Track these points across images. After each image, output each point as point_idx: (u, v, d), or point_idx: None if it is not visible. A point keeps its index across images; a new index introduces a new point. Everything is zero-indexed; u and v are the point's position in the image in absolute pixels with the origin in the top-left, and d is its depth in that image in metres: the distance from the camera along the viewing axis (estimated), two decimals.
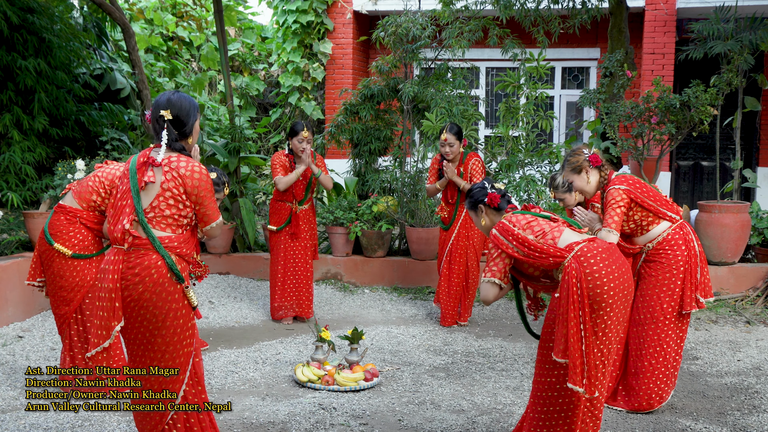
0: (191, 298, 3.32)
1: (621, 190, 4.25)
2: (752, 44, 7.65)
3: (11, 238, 6.42)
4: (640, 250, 4.43)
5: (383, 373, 5.13)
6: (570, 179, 4.37)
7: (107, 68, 9.29)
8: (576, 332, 3.30)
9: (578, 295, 3.30)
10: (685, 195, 11.89)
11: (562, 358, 3.33)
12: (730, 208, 7.25)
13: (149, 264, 3.21)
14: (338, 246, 7.84)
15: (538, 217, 3.53)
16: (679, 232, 4.35)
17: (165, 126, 3.28)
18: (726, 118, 8.40)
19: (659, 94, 7.31)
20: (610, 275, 3.32)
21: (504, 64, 10.78)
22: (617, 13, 8.16)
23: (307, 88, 12.08)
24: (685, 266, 4.32)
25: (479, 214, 3.72)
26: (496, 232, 3.51)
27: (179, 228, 3.31)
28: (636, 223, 4.36)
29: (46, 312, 6.33)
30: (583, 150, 4.34)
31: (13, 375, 4.90)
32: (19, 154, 7.40)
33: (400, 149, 8.54)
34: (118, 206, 3.31)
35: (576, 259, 3.33)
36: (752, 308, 6.86)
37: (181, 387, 3.34)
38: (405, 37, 7.90)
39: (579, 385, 3.30)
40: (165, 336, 3.26)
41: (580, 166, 4.30)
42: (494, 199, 3.65)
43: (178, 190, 3.24)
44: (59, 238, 4.44)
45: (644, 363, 4.39)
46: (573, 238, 3.44)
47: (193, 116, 3.35)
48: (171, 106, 3.30)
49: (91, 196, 4.46)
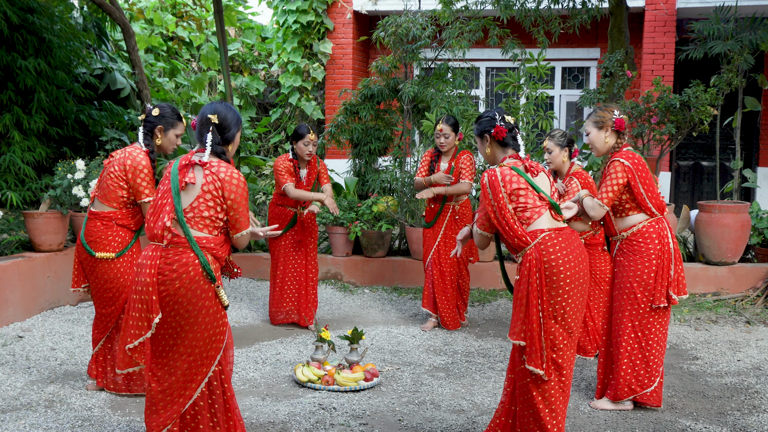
0: (222, 297, 3.43)
1: (625, 165, 4.29)
2: (752, 44, 7.65)
3: (11, 238, 6.42)
4: (615, 236, 4.45)
5: (383, 373, 5.13)
6: (588, 131, 4.45)
7: (107, 68, 9.29)
8: (535, 317, 3.49)
9: (537, 281, 3.49)
10: (685, 195, 11.89)
11: (516, 339, 3.53)
12: (730, 208, 7.25)
13: (186, 261, 3.34)
14: (338, 246, 7.84)
15: (529, 187, 3.58)
16: (654, 226, 4.37)
17: (210, 129, 3.45)
18: (726, 118, 8.40)
19: (659, 94, 7.31)
20: (568, 263, 3.50)
21: (504, 64, 10.78)
22: (617, 13, 8.16)
23: (307, 88, 12.08)
24: (658, 260, 4.33)
25: (484, 143, 3.77)
26: (486, 183, 3.61)
27: (216, 230, 3.44)
28: (620, 202, 4.38)
29: (46, 312, 6.33)
30: (614, 110, 4.40)
31: (13, 375, 4.90)
32: (19, 154, 7.39)
33: (400, 149, 8.55)
34: (158, 205, 3.45)
35: (536, 247, 3.52)
36: (752, 308, 6.85)
37: (203, 380, 3.44)
38: (405, 37, 7.90)
39: (539, 367, 3.49)
40: (196, 332, 3.39)
41: (604, 122, 4.38)
42: (500, 132, 3.68)
43: (217, 193, 3.38)
44: (98, 245, 4.44)
45: (619, 350, 4.41)
46: (545, 224, 3.57)
47: (236, 126, 3.54)
48: (218, 113, 3.48)
49: (117, 192, 4.42)
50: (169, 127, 4.43)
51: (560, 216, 3.64)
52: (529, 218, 3.56)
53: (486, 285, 7.59)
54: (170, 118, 4.43)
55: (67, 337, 5.75)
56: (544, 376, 3.50)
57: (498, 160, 3.74)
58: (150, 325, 3.37)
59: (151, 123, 4.42)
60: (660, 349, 4.43)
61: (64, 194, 6.47)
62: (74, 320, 6.20)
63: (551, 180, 3.73)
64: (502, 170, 3.61)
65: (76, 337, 5.77)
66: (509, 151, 3.71)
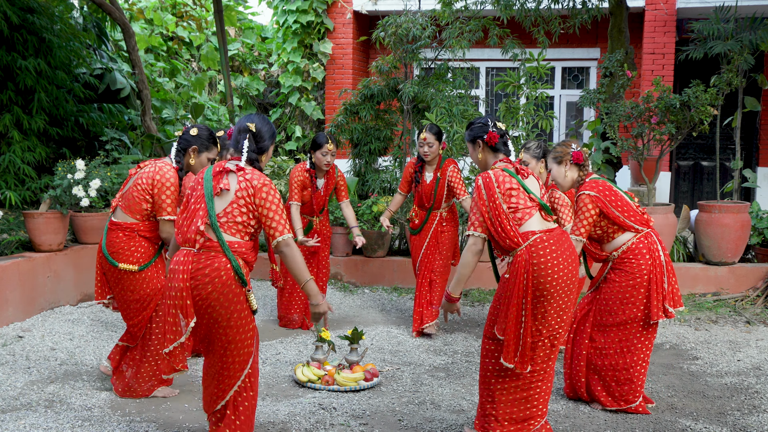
0: (252, 302, 3.51)
1: (592, 197, 4.33)
2: (752, 44, 7.66)
3: (11, 238, 6.42)
4: (606, 258, 4.46)
5: (383, 373, 5.13)
6: (550, 166, 4.56)
7: (107, 68, 9.29)
8: (516, 316, 3.59)
9: (524, 282, 3.57)
10: (685, 195, 11.89)
11: (501, 335, 3.64)
12: (730, 208, 7.25)
13: (219, 266, 3.39)
14: (338, 246, 7.84)
15: (521, 188, 3.67)
16: (643, 241, 4.37)
17: (247, 137, 3.55)
18: (726, 118, 8.40)
19: (659, 94, 7.31)
20: (556, 267, 3.58)
21: (504, 64, 10.79)
22: (617, 13, 8.17)
23: (307, 88, 12.08)
24: (649, 275, 4.33)
25: (476, 149, 3.87)
26: (481, 185, 3.67)
27: (247, 235, 3.49)
28: (603, 230, 4.42)
29: (46, 312, 6.33)
30: (571, 144, 4.50)
31: (13, 375, 4.90)
32: (18, 154, 7.39)
33: (400, 149, 8.55)
34: (191, 209, 3.51)
35: (527, 249, 3.59)
36: (752, 308, 6.86)
37: (236, 383, 3.53)
38: (405, 37, 7.90)
39: (510, 361, 3.60)
40: (228, 335, 3.45)
41: (562, 158, 4.48)
42: (493, 138, 3.79)
43: (250, 200, 3.43)
44: (121, 256, 4.40)
45: (604, 363, 4.41)
46: (535, 226, 3.65)
47: (271, 140, 3.64)
48: (256, 123, 3.59)
49: (141, 205, 4.39)
50: (204, 149, 4.44)
51: (550, 216, 3.72)
52: (521, 219, 3.64)
53: (486, 285, 7.59)
54: (206, 141, 4.44)
55: (67, 337, 5.75)
56: (515, 369, 3.62)
57: (489, 165, 3.84)
58: (185, 330, 3.44)
59: (187, 141, 4.41)
60: (644, 364, 4.44)
61: (64, 194, 6.47)
62: (74, 320, 6.20)
63: (540, 183, 3.82)
64: (495, 172, 3.71)
65: (76, 337, 5.77)
66: (500, 155, 3.82)
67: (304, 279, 3.53)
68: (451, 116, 7.64)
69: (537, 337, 3.63)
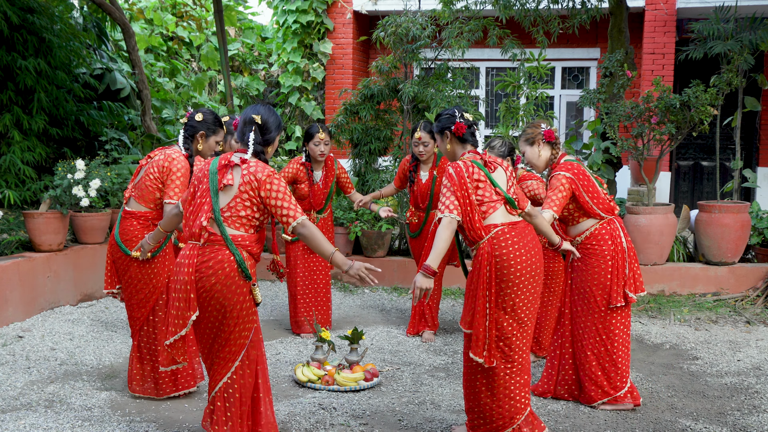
0: (256, 295, 3.55)
1: (567, 177, 4.37)
2: (752, 44, 7.65)
3: (11, 238, 6.42)
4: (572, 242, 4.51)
5: (383, 373, 5.13)
6: (523, 149, 4.59)
7: (107, 68, 9.29)
8: (482, 308, 3.64)
9: (487, 275, 3.63)
10: (685, 195, 11.89)
11: (467, 328, 3.70)
12: (730, 208, 7.25)
13: (222, 258, 3.45)
14: (338, 246, 7.83)
15: (488, 181, 3.73)
16: (606, 227, 4.45)
17: (253, 129, 3.57)
18: (726, 118, 8.40)
19: (659, 94, 7.31)
20: (519, 257, 3.64)
21: (504, 64, 10.78)
22: (617, 13, 8.16)
23: (307, 88, 12.08)
24: (612, 261, 4.41)
25: (444, 139, 3.93)
26: (452, 172, 3.71)
27: (251, 228, 3.54)
28: (569, 211, 4.47)
29: (46, 312, 6.33)
30: (540, 124, 4.54)
31: (13, 375, 4.90)
32: (18, 154, 7.39)
33: (400, 149, 8.55)
34: (197, 204, 3.56)
35: (490, 241, 3.66)
36: (752, 308, 6.86)
37: (227, 374, 3.56)
38: (405, 37, 7.90)
39: (479, 356, 3.65)
40: (229, 326, 3.50)
41: (534, 139, 4.51)
42: (460, 129, 3.84)
43: (254, 193, 3.47)
44: (134, 245, 4.42)
45: (587, 354, 4.46)
46: (499, 219, 3.71)
47: (277, 131, 3.66)
48: (261, 114, 3.61)
49: (154, 194, 4.43)
50: (211, 133, 4.48)
51: (515, 210, 3.77)
52: (485, 212, 3.70)
53: None
54: (212, 125, 4.48)
55: (67, 337, 5.75)
56: (484, 364, 3.66)
57: (458, 156, 3.90)
58: (186, 323, 3.49)
59: (193, 128, 4.45)
60: (625, 350, 4.49)
61: (64, 194, 6.47)
62: (74, 320, 6.20)
63: (508, 174, 3.85)
64: (465, 162, 3.75)
65: (76, 337, 5.77)
66: (468, 146, 3.88)
67: (329, 252, 3.50)
68: None
69: (508, 331, 3.68)
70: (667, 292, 7.31)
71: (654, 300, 7.14)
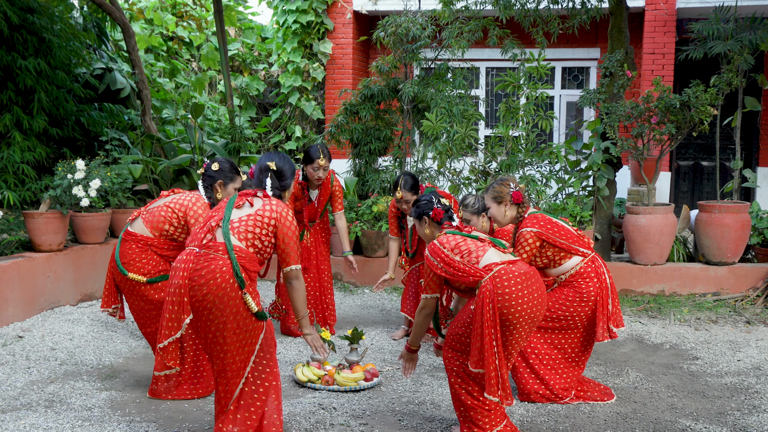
0: (249, 304, 3.54)
1: (532, 233, 4.41)
2: (752, 44, 7.65)
3: (11, 238, 6.42)
4: (553, 281, 4.58)
5: (383, 373, 5.13)
6: (489, 205, 4.57)
7: (107, 68, 9.29)
8: (490, 347, 3.65)
9: (491, 313, 3.64)
10: (685, 195, 11.89)
11: (476, 368, 3.70)
12: (730, 208, 7.25)
13: (214, 268, 3.47)
14: (338, 246, 7.83)
15: (467, 238, 3.85)
16: (591, 265, 4.50)
17: (269, 175, 3.76)
18: (726, 118, 8.40)
19: (659, 94, 7.31)
20: (522, 298, 3.67)
21: (504, 64, 10.79)
22: (617, 13, 8.15)
23: (307, 88, 12.08)
24: (596, 297, 4.46)
25: (422, 224, 4.06)
26: (428, 254, 3.85)
27: (252, 247, 3.60)
28: (549, 258, 4.50)
29: (46, 312, 6.33)
30: (510, 183, 4.51)
31: (13, 375, 4.90)
32: (18, 154, 7.39)
33: (400, 149, 8.55)
34: (209, 216, 3.72)
35: (492, 280, 3.68)
36: (752, 308, 6.86)
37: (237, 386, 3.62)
38: (405, 37, 7.90)
39: (494, 395, 3.66)
40: (226, 337, 3.52)
41: (502, 198, 4.50)
42: (438, 214, 3.99)
43: (270, 222, 3.61)
44: (132, 267, 4.48)
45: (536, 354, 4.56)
46: (494, 258, 3.78)
47: (291, 177, 3.85)
48: (276, 161, 3.79)
49: (164, 225, 4.49)
50: (229, 181, 4.58)
51: (505, 250, 3.85)
52: (477, 257, 3.76)
53: None
54: (229, 173, 4.58)
55: (67, 337, 5.75)
56: (500, 403, 3.70)
57: (435, 237, 4.00)
58: (180, 326, 3.51)
59: (212, 177, 4.55)
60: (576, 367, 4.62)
61: (64, 194, 6.47)
62: (74, 320, 6.20)
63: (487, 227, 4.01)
64: (440, 239, 3.88)
65: (76, 337, 5.77)
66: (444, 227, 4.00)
67: (302, 312, 3.80)
68: (451, 116, 7.64)
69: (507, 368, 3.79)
70: (667, 292, 7.31)
71: (654, 300, 7.14)
